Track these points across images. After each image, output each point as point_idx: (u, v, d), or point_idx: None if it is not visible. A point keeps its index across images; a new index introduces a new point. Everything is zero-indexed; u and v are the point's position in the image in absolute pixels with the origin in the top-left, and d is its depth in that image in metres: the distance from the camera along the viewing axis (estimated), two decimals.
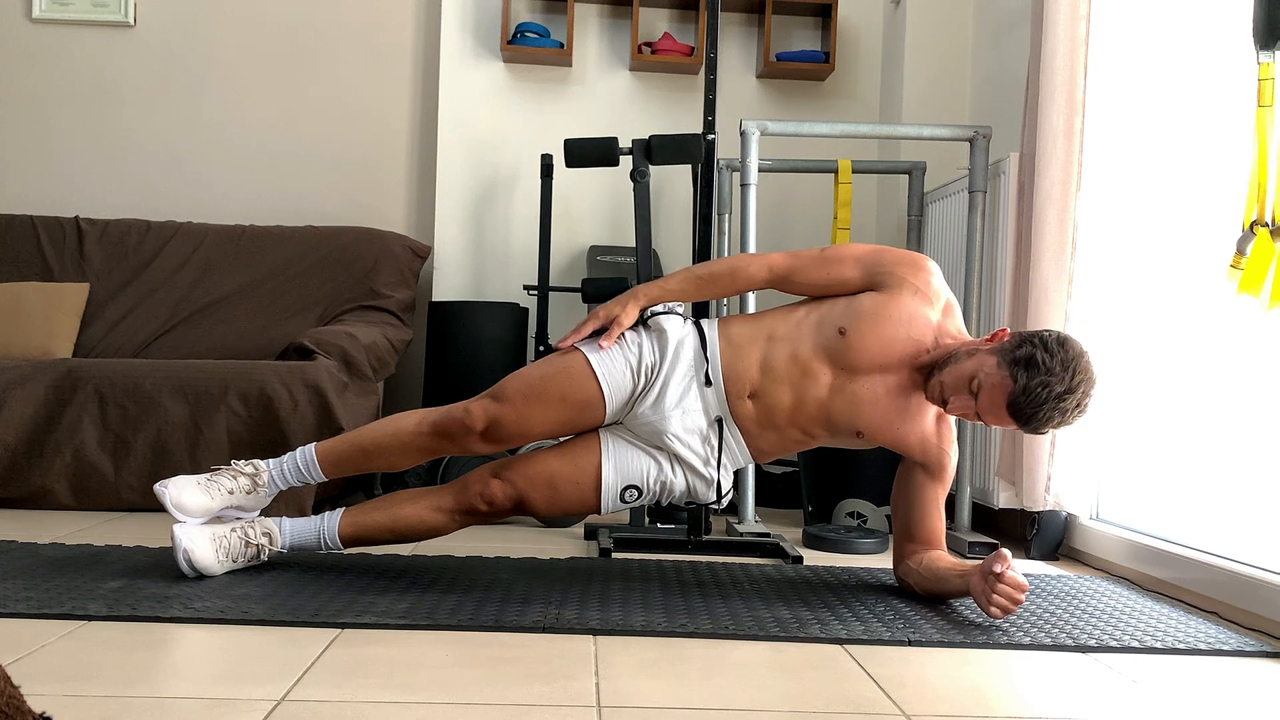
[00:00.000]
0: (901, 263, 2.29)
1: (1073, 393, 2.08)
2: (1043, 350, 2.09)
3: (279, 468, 2.39)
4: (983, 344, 2.20)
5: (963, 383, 2.15)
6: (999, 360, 2.12)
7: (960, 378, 2.16)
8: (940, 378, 2.20)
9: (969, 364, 2.16)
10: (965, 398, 2.15)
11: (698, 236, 3.11)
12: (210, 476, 2.33)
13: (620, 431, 2.35)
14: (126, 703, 1.52)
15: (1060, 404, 2.08)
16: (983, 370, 2.13)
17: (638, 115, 4.29)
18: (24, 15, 4.28)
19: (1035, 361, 2.08)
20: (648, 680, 1.71)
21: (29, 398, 3.22)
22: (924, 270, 2.29)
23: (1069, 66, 2.80)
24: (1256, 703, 1.72)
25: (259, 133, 4.33)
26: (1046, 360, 2.08)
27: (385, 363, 3.65)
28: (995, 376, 2.11)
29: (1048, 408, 2.07)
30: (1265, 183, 2.05)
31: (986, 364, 2.13)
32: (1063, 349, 2.10)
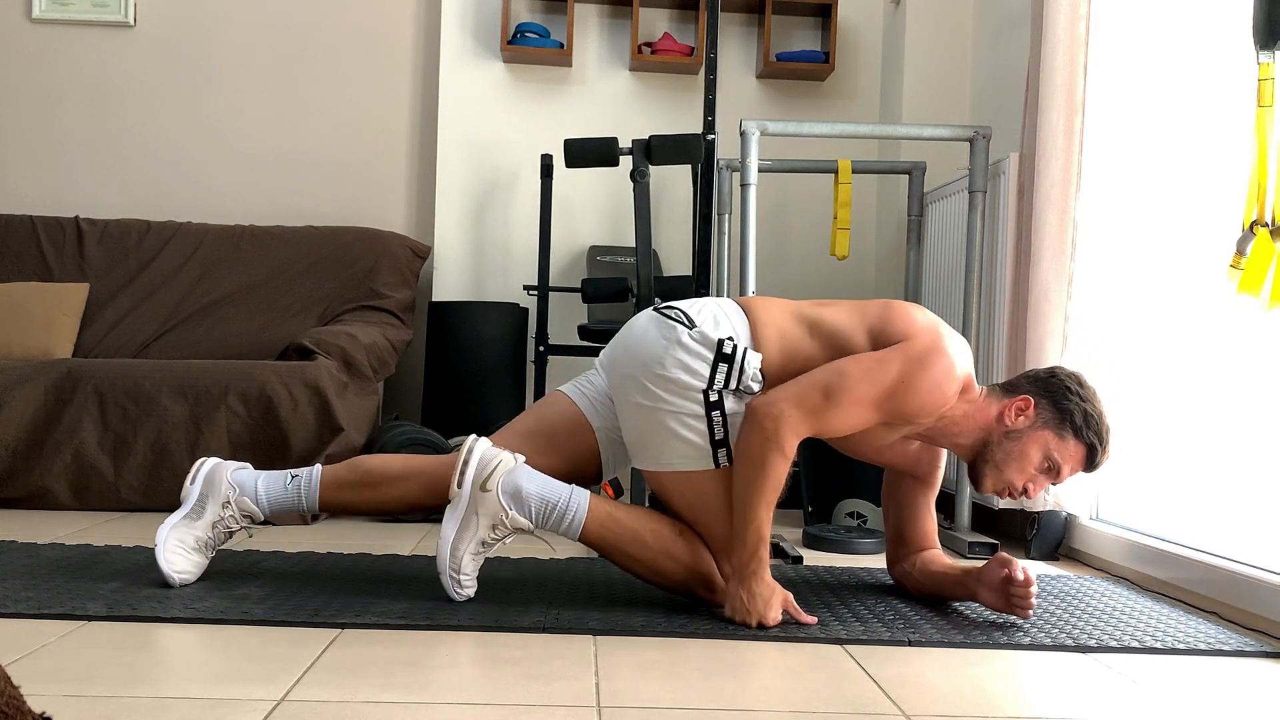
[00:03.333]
0: (923, 413, 2.10)
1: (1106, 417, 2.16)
2: (1079, 399, 2.12)
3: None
4: (995, 412, 2.15)
5: (1031, 468, 2.14)
6: (1053, 430, 2.12)
7: (1026, 465, 2.13)
8: (1004, 476, 2.15)
9: (1026, 448, 2.13)
10: (1042, 480, 2.15)
11: (698, 236, 3.11)
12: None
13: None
14: (126, 703, 1.52)
15: (1109, 438, 2.15)
16: (1049, 447, 2.12)
17: (638, 115, 4.29)
18: (24, 15, 4.28)
19: (1089, 415, 2.12)
20: (648, 680, 1.71)
21: (29, 398, 3.22)
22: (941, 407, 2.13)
23: (1069, 66, 2.80)
24: (1256, 703, 1.72)
25: (259, 133, 4.33)
26: (1089, 406, 2.12)
27: (385, 363, 3.65)
28: (1070, 448, 2.12)
29: (1108, 443, 2.14)
30: (1265, 183, 2.05)
31: (1045, 440, 2.13)
32: (1080, 385, 2.15)
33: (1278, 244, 2.05)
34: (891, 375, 2.05)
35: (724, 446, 2.10)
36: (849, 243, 3.57)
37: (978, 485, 2.19)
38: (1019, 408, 2.13)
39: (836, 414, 2.04)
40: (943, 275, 3.59)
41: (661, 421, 2.11)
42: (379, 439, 3.34)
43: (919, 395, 2.06)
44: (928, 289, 3.72)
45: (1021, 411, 2.13)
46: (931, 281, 3.70)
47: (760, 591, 2.01)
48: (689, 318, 2.14)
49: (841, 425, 2.06)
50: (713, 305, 2.19)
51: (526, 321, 4.02)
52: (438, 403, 3.88)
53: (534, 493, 2.11)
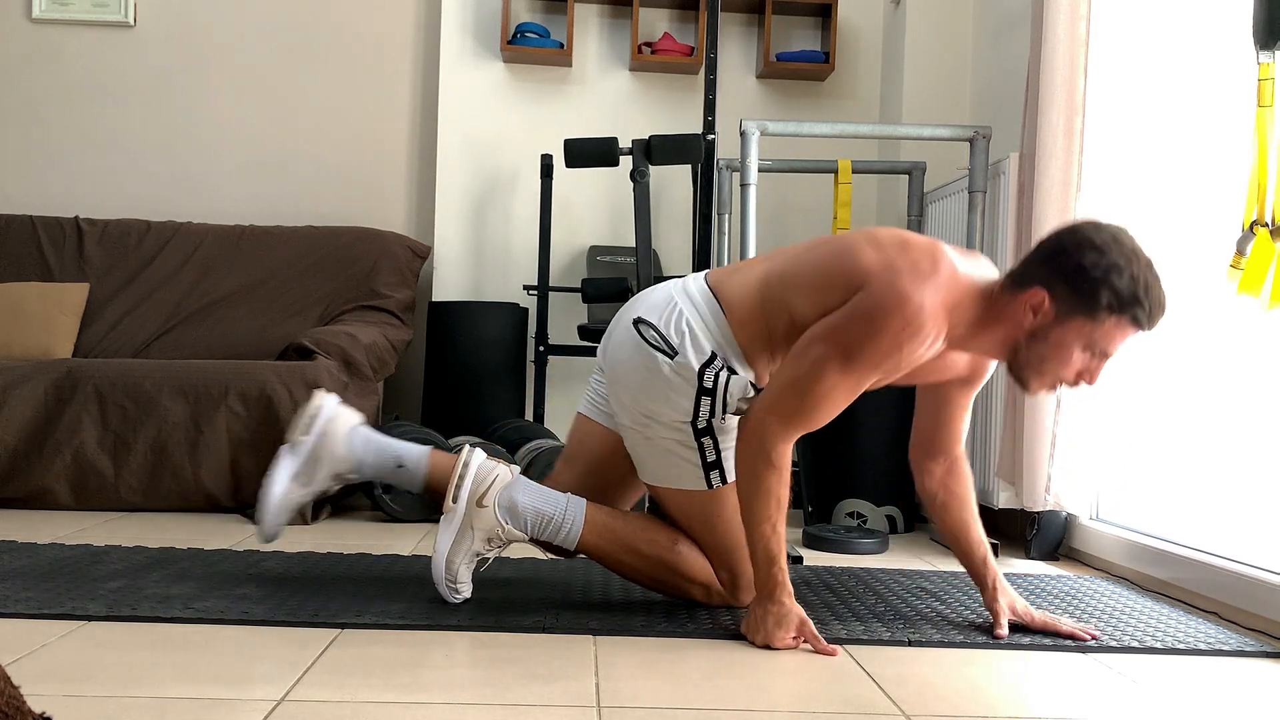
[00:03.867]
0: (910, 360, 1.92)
1: (1140, 254, 1.83)
2: (1101, 264, 1.81)
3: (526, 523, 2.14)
4: (1010, 313, 1.89)
5: (1075, 360, 1.87)
6: (1083, 316, 1.83)
7: (1067, 359, 1.87)
8: (1046, 378, 1.91)
9: (1060, 343, 1.86)
10: (1096, 364, 1.88)
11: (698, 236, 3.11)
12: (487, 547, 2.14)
13: None
14: (126, 703, 1.52)
15: (1155, 275, 1.83)
16: (1086, 335, 1.84)
17: (638, 115, 4.29)
18: (24, 15, 4.28)
19: (1120, 279, 1.80)
20: (648, 680, 1.71)
21: (29, 398, 3.22)
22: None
23: (1069, 66, 2.80)
24: (1256, 703, 1.72)
25: (259, 133, 4.33)
26: (1117, 265, 1.81)
27: (385, 363, 3.65)
28: (1109, 327, 1.83)
29: (1156, 296, 1.83)
30: (1265, 183, 2.05)
31: (1078, 329, 1.84)
32: (1097, 244, 1.83)
33: (1278, 244, 2.05)
34: (855, 346, 1.88)
35: (716, 468, 2.09)
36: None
37: (1023, 389, 1.96)
38: (1033, 305, 1.86)
39: (817, 409, 1.93)
40: None
41: (653, 445, 2.11)
42: None
43: (894, 352, 1.88)
44: None
45: (1037, 309, 1.86)
46: None
47: (773, 611, 1.94)
48: (668, 344, 2.06)
49: (828, 414, 1.95)
50: (687, 309, 2.08)
51: (526, 321, 4.02)
52: (438, 403, 3.88)
53: (529, 505, 2.11)
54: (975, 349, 1.97)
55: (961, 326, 1.93)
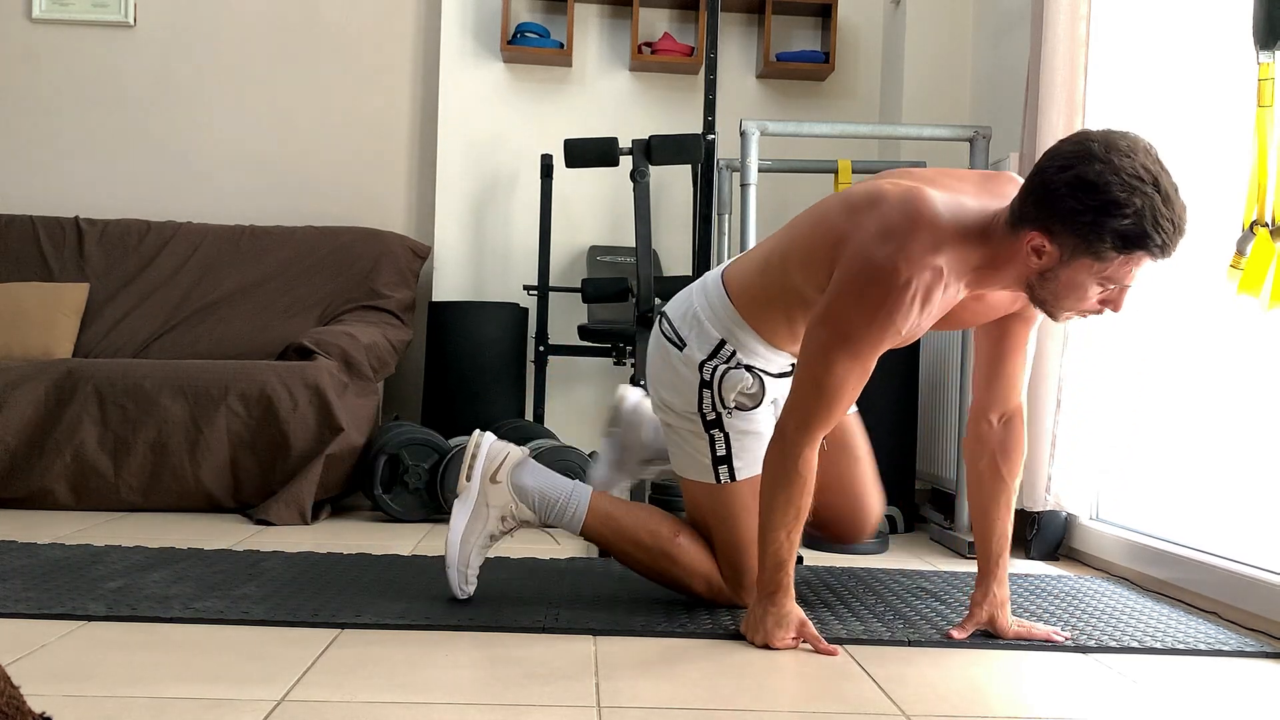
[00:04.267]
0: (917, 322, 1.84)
1: (1143, 176, 1.64)
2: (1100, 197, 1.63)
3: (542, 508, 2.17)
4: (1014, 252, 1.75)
5: (1090, 295, 1.74)
6: (1089, 257, 1.67)
7: (1083, 294, 1.73)
8: (1065, 312, 1.79)
9: (1071, 282, 1.72)
10: (1118, 293, 1.75)
11: (698, 236, 3.11)
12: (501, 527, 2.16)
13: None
14: (126, 703, 1.52)
15: (1164, 196, 1.65)
16: (1096, 272, 1.70)
17: (638, 115, 4.29)
18: (24, 15, 4.28)
19: (1124, 216, 1.62)
20: (648, 680, 1.71)
21: (29, 398, 3.22)
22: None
23: (1069, 66, 2.80)
24: (1256, 703, 1.72)
25: (259, 133, 4.33)
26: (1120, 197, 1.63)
27: (385, 363, 3.65)
28: (1119, 264, 1.68)
29: (1172, 220, 1.67)
30: (1265, 183, 2.05)
31: (1087, 268, 1.69)
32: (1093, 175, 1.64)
33: (1278, 244, 2.05)
34: (850, 325, 1.82)
35: (725, 463, 2.11)
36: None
37: (1052, 319, 1.84)
38: (1034, 248, 1.72)
39: (834, 400, 1.87)
40: None
41: (673, 433, 2.18)
42: (379, 439, 3.34)
43: (889, 321, 1.79)
44: None
45: (1039, 251, 1.72)
46: None
47: (772, 612, 1.93)
48: (679, 336, 2.12)
49: (847, 400, 1.88)
50: (698, 301, 2.13)
51: (526, 321, 4.02)
52: (438, 403, 3.88)
53: (535, 487, 2.14)
54: (996, 285, 1.84)
55: (967, 268, 1.80)
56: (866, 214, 1.84)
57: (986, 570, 2.04)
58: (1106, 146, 1.65)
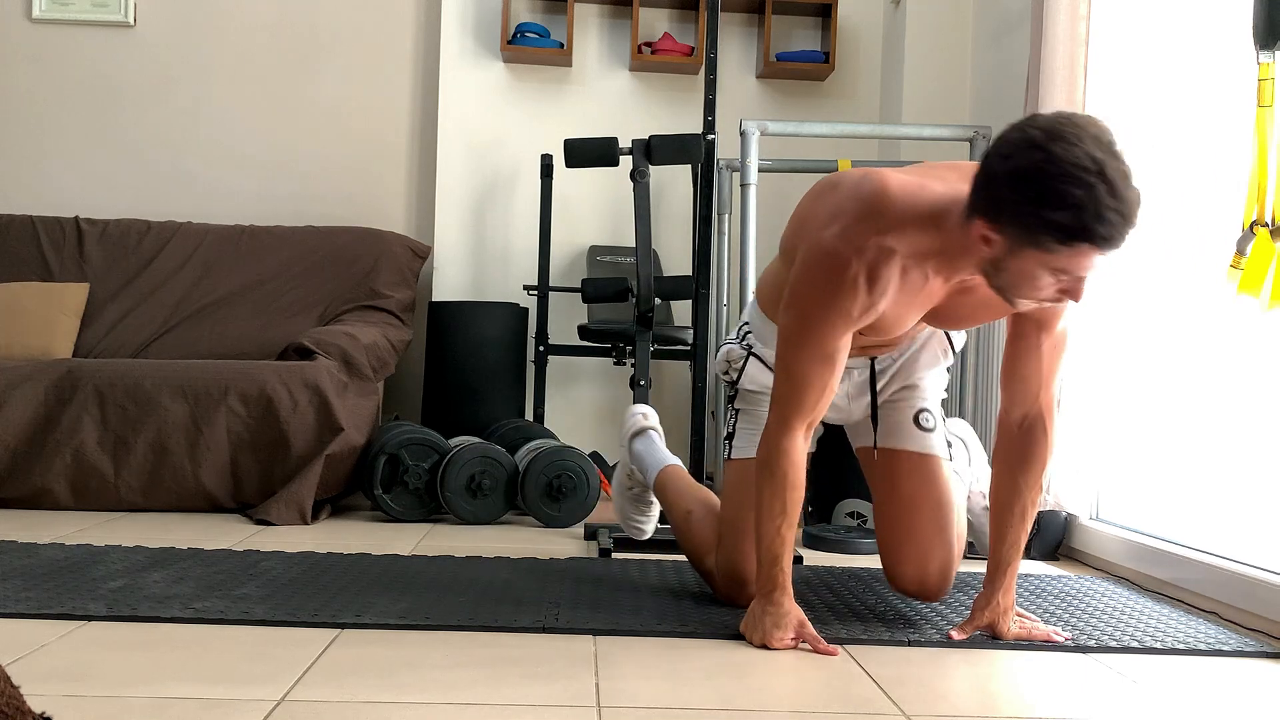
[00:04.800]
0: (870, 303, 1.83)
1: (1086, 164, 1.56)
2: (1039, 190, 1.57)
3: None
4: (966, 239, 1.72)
5: (1045, 285, 1.67)
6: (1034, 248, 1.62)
7: (1037, 285, 1.68)
8: (1023, 300, 1.74)
9: (1022, 272, 1.67)
10: (1074, 284, 1.67)
11: (698, 236, 3.10)
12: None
13: None
14: (126, 703, 1.52)
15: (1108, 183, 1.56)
16: (1045, 264, 1.64)
17: (638, 115, 4.29)
18: (24, 15, 4.28)
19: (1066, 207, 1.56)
20: (648, 680, 1.71)
21: (29, 398, 3.22)
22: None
23: (1069, 66, 2.80)
24: (1256, 703, 1.72)
25: (259, 133, 4.33)
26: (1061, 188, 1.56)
27: (385, 363, 3.65)
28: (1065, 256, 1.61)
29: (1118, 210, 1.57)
30: (1265, 183, 2.05)
31: (1035, 259, 1.63)
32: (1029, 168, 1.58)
33: (1278, 244, 2.05)
34: (802, 308, 1.84)
35: (729, 440, 2.27)
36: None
37: (1011, 305, 1.78)
38: (982, 237, 1.68)
39: (801, 388, 1.87)
40: None
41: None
42: (379, 439, 3.34)
43: (836, 303, 1.80)
44: None
45: (987, 240, 1.68)
46: None
47: (770, 611, 1.92)
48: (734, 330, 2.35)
49: (815, 390, 1.87)
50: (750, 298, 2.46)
51: (526, 321, 4.02)
52: (438, 403, 3.88)
53: (639, 452, 2.52)
54: (964, 272, 1.82)
55: (927, 252, 1.79)
56: (823, 199, 1.87)
57: (993, 576, 2.02)
58: (1050, 134, 1.59)
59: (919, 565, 2.14)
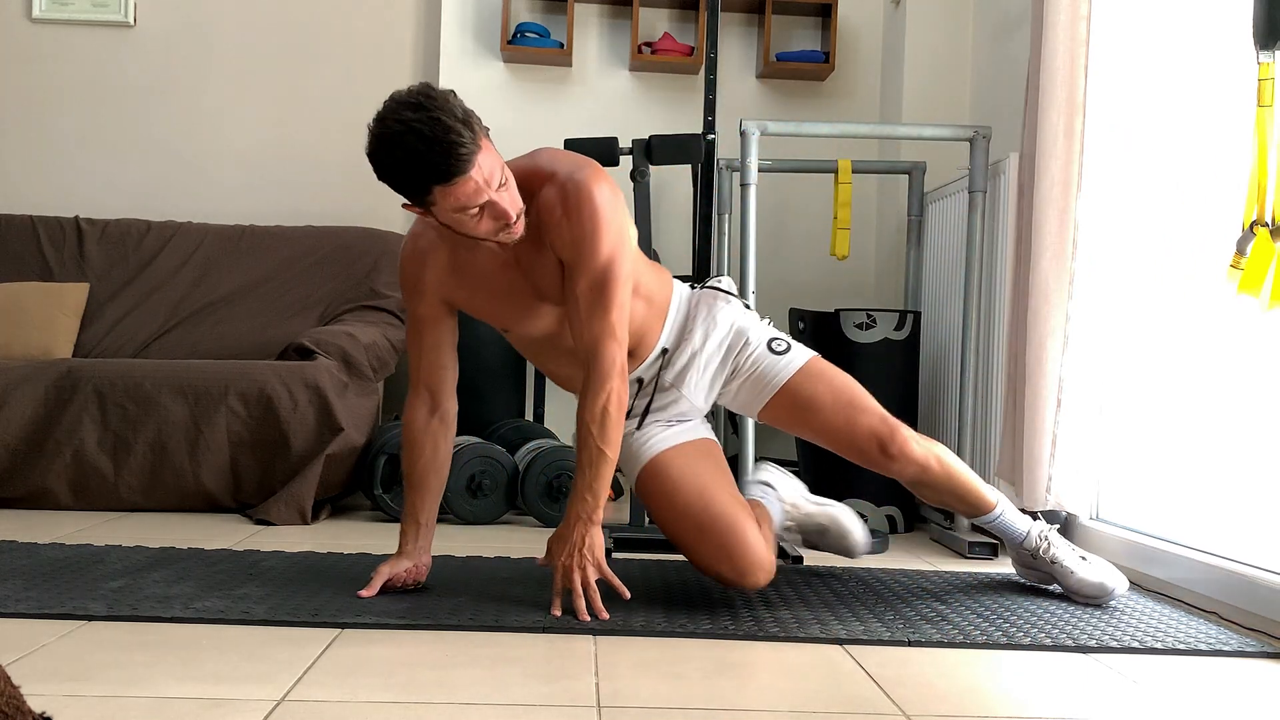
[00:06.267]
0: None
1: (392, 129, 1.86)
2: (379, 166, 1.92)
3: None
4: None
5: (474, 220, 1.97)
6: (426, 205, 1.97)
7: (467, 224, 1.98)
8: (474, 235, 2.01)
9: (451, 224, 1.99)
10: (499, 207, 1.94)
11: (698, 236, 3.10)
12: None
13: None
14: (126, 703, 1.52)
15: (405, 131, 1.85)
16: (446, 210, 1.95)
17: (638, 115, 4.29)
18: (24, 15, 4.28)
19: (393, 169, 1.91)
20: (648, 680, 1.71)
21: (29, 398, 3.22)
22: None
23: (1069, 66, 2.80)
24: (1256, 703, 1.72)
25: (259, 133, 4.33)
26: (387, 157, 1.90)
27: (385, 362, 3.65)
28: (439, 198, 1.93)
29: (415, 145, 1.86)
30: (1265, 183, 2.05)
31: (440, 209, 1.96)
32: (370, 142, 1.91)
33: (1278, 244, 2.05)
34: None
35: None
36: (849, 242, 3.57)
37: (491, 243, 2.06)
38: (419, 213, 2.02)
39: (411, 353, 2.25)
40: (943, 275, 3.59)
41: None
42: (379, 439, 3.34)
43: (405, 287, 2.20)
44: (928, 289, 3.72)
45: (424, 215, 2.02)
46: (931, 281, 3.70)
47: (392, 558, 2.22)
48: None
49: (418, 349, 2.21)
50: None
51: None
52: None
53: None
54: (471, 243, 2.09)
55: (445, 236, 2.11)
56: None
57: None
58: (376, 120, 1.89)
59: (869, 427, 2.24)
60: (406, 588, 2.21)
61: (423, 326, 2.19)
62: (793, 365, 2.28)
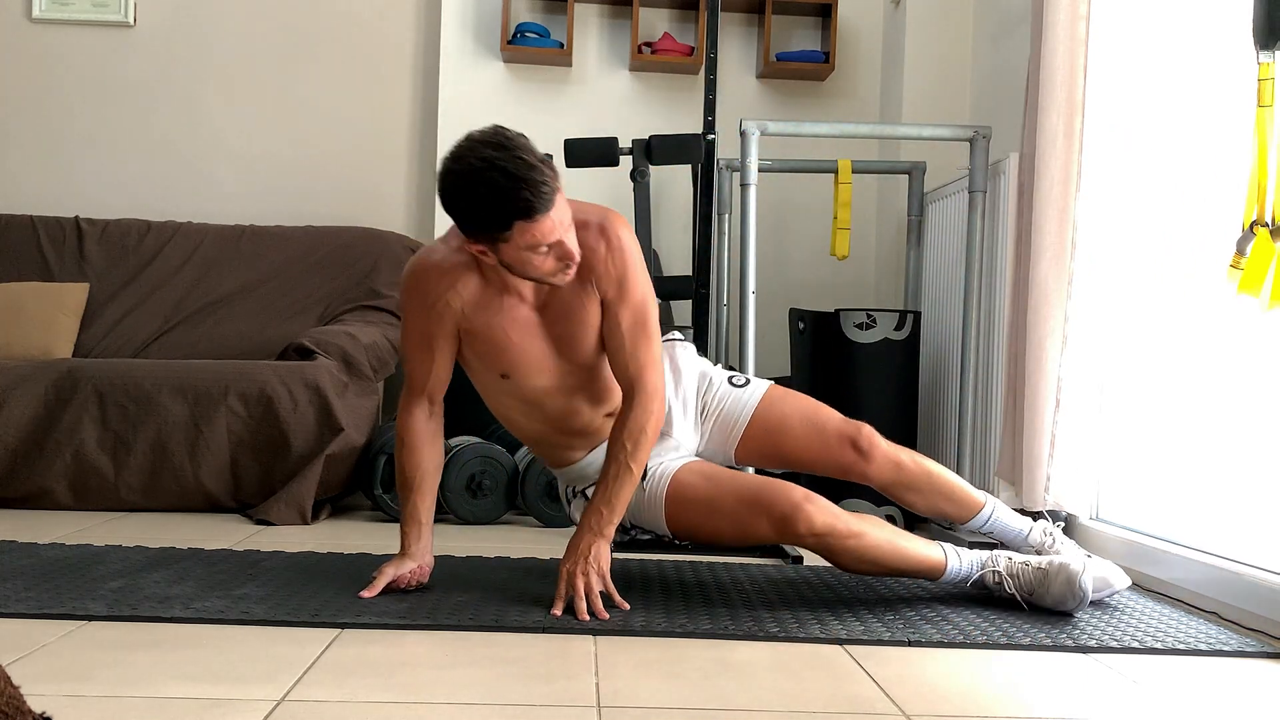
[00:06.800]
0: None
1: (479, 167, 1.96)
2: (460, 200, 1.97)
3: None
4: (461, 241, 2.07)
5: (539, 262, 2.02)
6: (500, 243, 1.98)
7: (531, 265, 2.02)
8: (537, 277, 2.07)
9: (517, 263, 2.02)
10: (565, 247, 2.01)
11: (698, 236, 3.11)
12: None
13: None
14: (126, 703, 1.52)
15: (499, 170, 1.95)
16: (520, 249, 1.98)
17: (638, 115, 4.29)
18: (24, 15, 4.28)
19: (477, 201, 1.95)
20: (648, 680, 1.71)
21: (29, 398, 3.22)
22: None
23: (1069, 66, 2.80)
24: (1256, 703, 1.72)
25: (259, 133, 4.33)
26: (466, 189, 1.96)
27: (385, 363, 3.65)
28: (517, 236, 1.96)
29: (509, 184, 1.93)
30: (1265, 183, 2.05)
31: (511, 249, 1.99)
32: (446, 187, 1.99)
33: (1278, 244, 2.05)
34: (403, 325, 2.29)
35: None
36: (849, 242, 3.57)
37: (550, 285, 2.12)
38: (479, 253, 2.04)
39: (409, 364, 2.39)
40: (943, 275, 3.59)
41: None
42: (379, 439, 3.34)
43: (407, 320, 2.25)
44: (928, 289, 3.72)
45: (484, 254, 2.03)
46: (931, 281, 3.70)
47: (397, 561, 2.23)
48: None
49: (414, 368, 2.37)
50: None
51: None
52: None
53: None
54: (516, 286, 2.14)
55: (493, 270, 2.12)
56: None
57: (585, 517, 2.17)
58: (452, 158, 2.01)
59: (836, 429, 2.33)
60: (409, 588, 2.21)
61: (434, 342, 2.20)
62: (756, 394, 2.39)
